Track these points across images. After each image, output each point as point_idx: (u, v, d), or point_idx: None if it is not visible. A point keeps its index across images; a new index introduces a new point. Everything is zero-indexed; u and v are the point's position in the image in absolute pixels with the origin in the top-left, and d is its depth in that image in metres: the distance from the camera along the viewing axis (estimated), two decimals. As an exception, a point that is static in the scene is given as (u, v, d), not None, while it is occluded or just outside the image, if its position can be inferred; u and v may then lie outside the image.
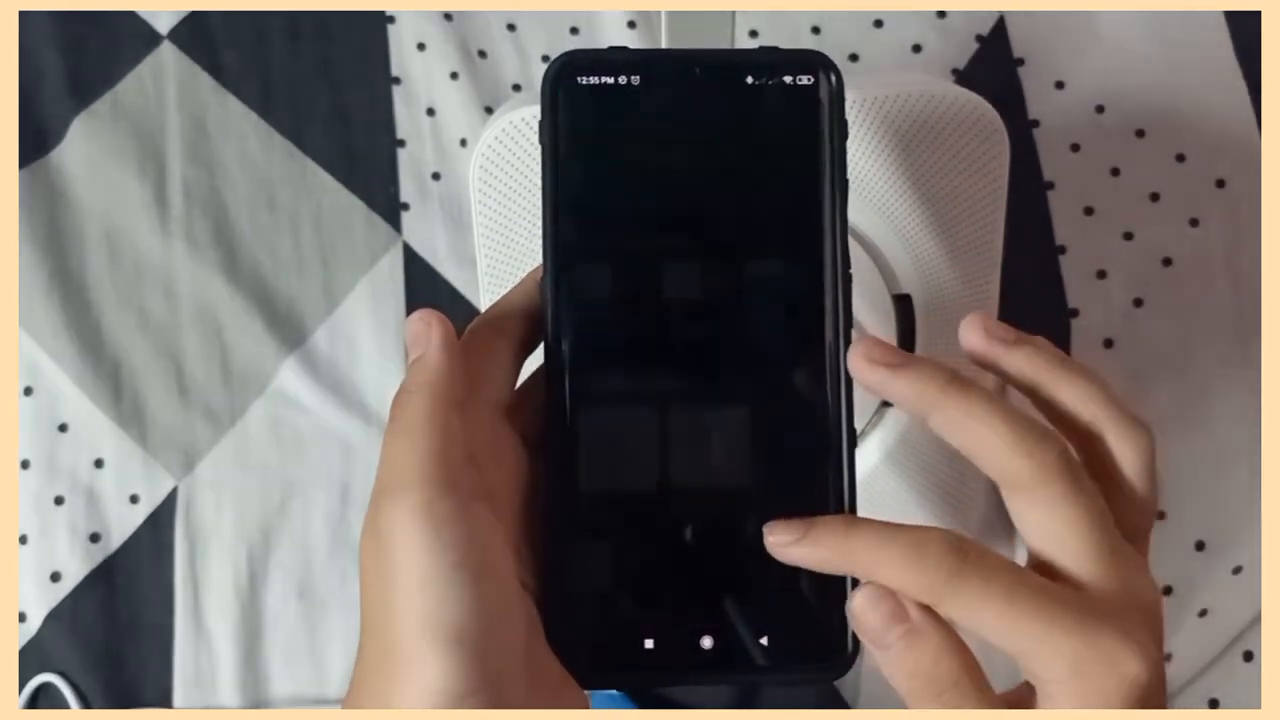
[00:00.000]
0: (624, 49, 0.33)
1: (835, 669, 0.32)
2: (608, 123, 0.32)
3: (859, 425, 0.51)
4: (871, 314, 0.49)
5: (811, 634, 0.32)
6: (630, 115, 0.32)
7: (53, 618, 0.60)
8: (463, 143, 0.66)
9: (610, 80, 0.32)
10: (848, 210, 0.32)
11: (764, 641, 0.31)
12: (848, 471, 0.32)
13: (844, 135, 0.32)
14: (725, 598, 0.31)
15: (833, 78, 0.32)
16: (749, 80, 0.32)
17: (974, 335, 0.34)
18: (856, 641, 0.31)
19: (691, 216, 0.32)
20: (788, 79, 0.32)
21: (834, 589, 0.31)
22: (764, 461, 0.32)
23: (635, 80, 0.32)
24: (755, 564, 0.31)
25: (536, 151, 0.45)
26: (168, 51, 0.67)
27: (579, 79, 0.32)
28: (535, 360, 0.34)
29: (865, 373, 0.32)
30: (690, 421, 0.32)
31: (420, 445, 0.29)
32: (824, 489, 0.32)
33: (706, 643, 0.31)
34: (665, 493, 0.32)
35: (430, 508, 0.28)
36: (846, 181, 0.32)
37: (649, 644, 0.31)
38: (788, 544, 0.30)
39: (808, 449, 0.32)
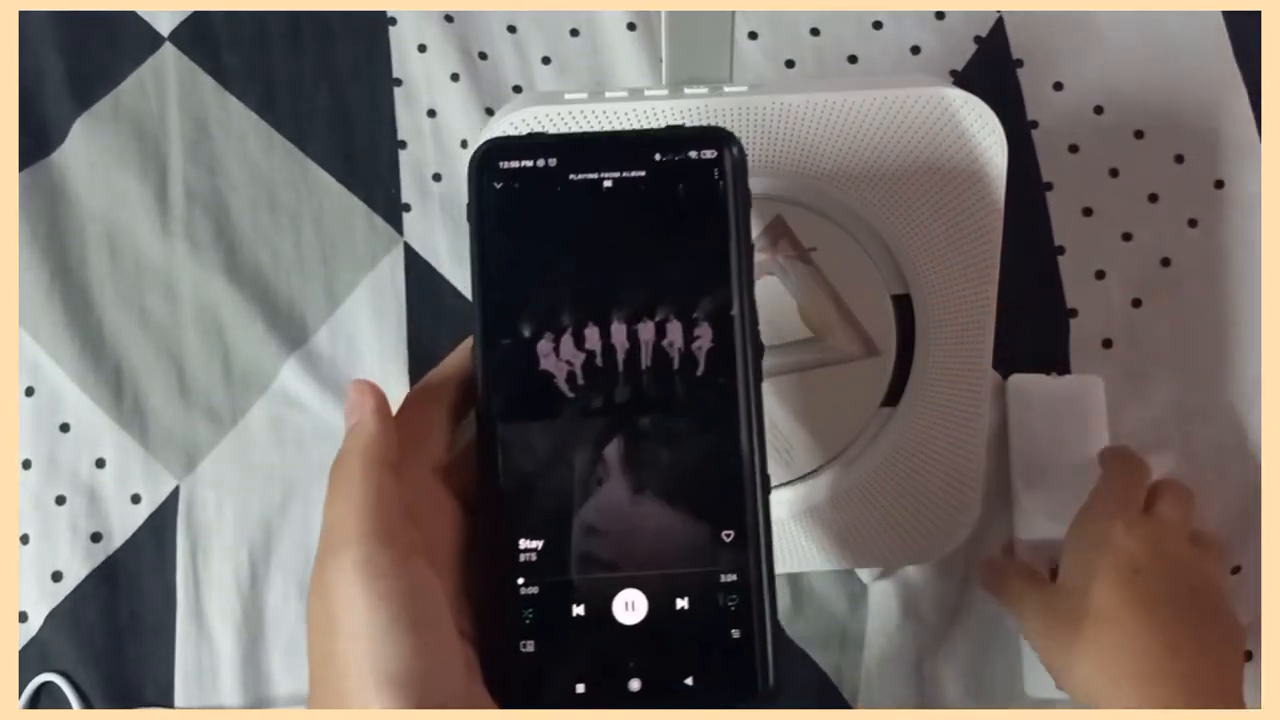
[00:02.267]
0: (542, 135, 0.36)
1: (758, 702, 0.34)
2: (529, 203, 0.35)
3: (858, 430, 0.51)
4: (871, 314, 0.49)
5: (734, 672, 0.34)
6: (550, 195, 0.35)
7: (54, 617, 0.60)
8: (463, 144, 0.66)
9: (530, 163, 0.35)
10: (753, 272, 0.35)
11: (689, 682, 0.33)
12: (763, 515, 0.34)
13: (748, 203, 0.35)
14: (652, 644, 0.34)
15: (734, 150, 0.35)
16: (658, 157, 0.35)
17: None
18: (778, 676, 0.33)
19: (611, 285, 0.35)
20: (693, 154, 0.35)
21: (754, 631, 0.33)
22: (685, 512, 0.34)
23: (553, 162, 0.35)
24: (680, 611, 0.33)
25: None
26: (169, 52, 0.67)
27: (501, 164, 0.35)
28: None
29: None
30: (615, 476, 0.34)
31: (357, 504, 0.31)
32: (742, 537, 0.34)
33: (635, 685, 0.33)
34: (593, 545, 0.34)
35: (370, 562, 0.30)
36: (752, 245, 0.35)
37: (580, 688, 0.33)
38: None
39: (726, 497, 0.34)
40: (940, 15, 0.68)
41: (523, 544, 0.34)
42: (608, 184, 0.35)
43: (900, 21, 0.68)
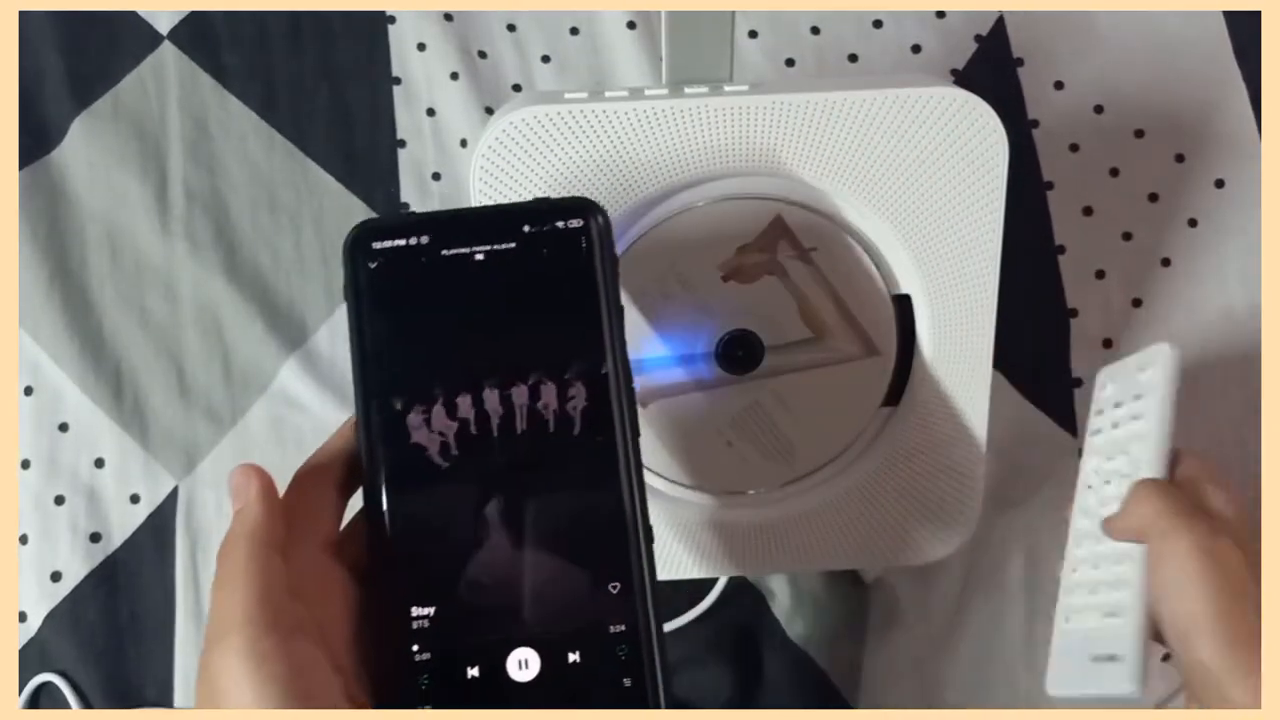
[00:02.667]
0: (412, 214, 0.38)
1: None
2: (401, 280, 0.36)
3: (858, 430, 0.51)
4: (872, 314, 0.49)
5: None
6: (422, 271, 0.36)
7: (53, 617, 0.60)
8: (463, 143, 0.66)
9: (402, 242, 0.36)
10: (624, 331, 0.37)
11: None
12: (647, 565, 0.35)
13: (615, 267, 0.37)
14: (547, 699, 0.35)
15: (600, 219, 0.37)
16: (527, 229, 0.37)
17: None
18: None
19: (484, 354, 0.36)
20: (561, 224, 0.37)
21: (645, 679, 0.34)
22: (571, 567, 0.35)
23: (425, 239, 0.36)
24: (573, 665, 0.35)
25: (539, 151, 0.46)
26: (168, 52, 0.67)
27: (374, 244, 0.37)
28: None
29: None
30: (500, 538, 0.35)
31: (242, 590, 0.32)
32: (629, 588, 0.35)
33: None
34: (484, 607, 0.35)
35: (253, 647, 0.31)
36: (621, 308, 0.37)
37: None
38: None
39: (610, 550, 0.35)
40: (941, 14, 0.68)
41: (415, 611, 0.35)
42: (479, 257, 0.36)
43: (901, 20, 0.68)
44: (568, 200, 0.37)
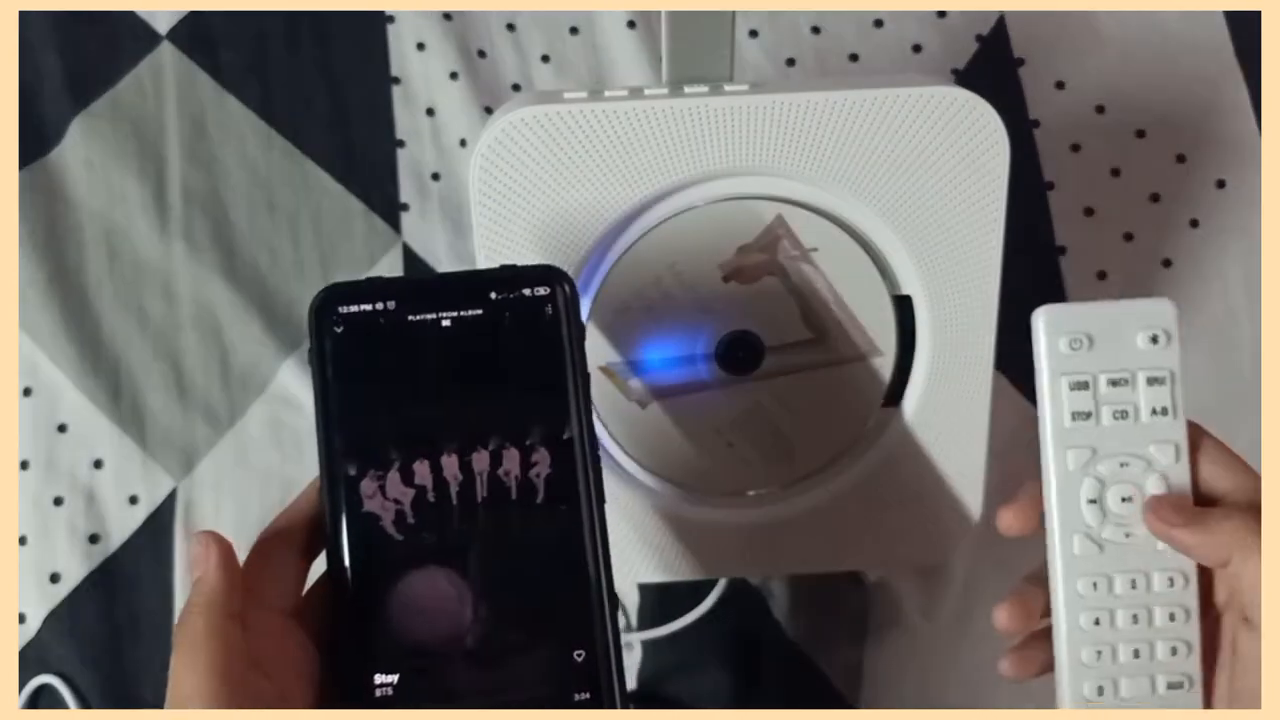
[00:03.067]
0: (380, 279, 0.37)
1: None
2: (367, 345, 0.36)
3: (859, 430, 0.51)
4: (872, 315, 0.49)
5: None
6: (388, 337, 0.36)
7: (52, 618, 0.60)
8: (462, 143, 0.66)
9: (369, 307, 0.36)
10: (590, 396, 0.37)
11: None
12: (612, 633, 0.35)
13: (582, 334, 0.37)
14: None
15: (566, 287, 0.37)
16: (493, 295, 0.36)
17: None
18: None
19: (447, 419, 0.36)
20: (527, 291, 0.37)
21: None
22: (537, 636, 0.35)
23: (392, 305, 0.36)
24: None
25: (538, 151, 0.46)
26: (167, 52, 0.67)
27: (340, 308, 0.36)
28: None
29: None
30: (464, 606, 0.35)
31: (202, 663, 0.32)
32: (593, 656, 0.35)
33: None
34: (448, 675, 0.35)
35: None
36: (588, 374, 0.37)
37: None
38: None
39: (575, 618, 0.35)
40: (942, 14, 0.68)
41: (377, 679, 0.35)
42: (445, 323, 0.36)
43: (901, 20, 0.68)
44: (534, 268, 0.37)
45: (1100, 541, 0.39)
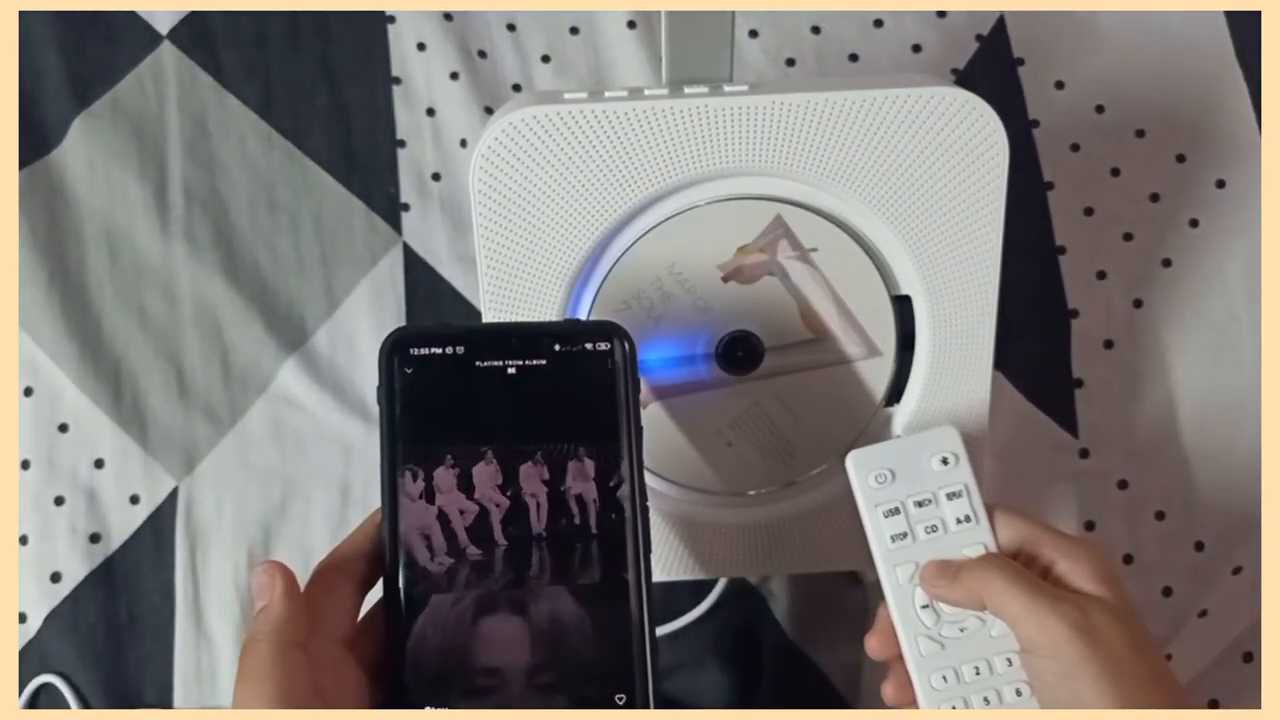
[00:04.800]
0: (451, 325, 0.39)
1: None
2: (435, 386, 0.38)
3: (859, 430, 0.51)
4: (872, 315, 0.49)
5: None
6: (455, 380, 0.38)
7: (53, 618, 0.60)
8: (463, 143, 0.66)
9: (438, 350, 0.38)
10: (644, 452, 0.39)
11: None
12: (652, 678, 0.37)
13: (637, 389, 0.39)
14: None
15: (626, 344, 0.39)
16: (556, 348, 0.39)
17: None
18: None
19: (511, 464, 0.38)
20: (589, 345, 0.39)
21: None
22: (581, 678, 0.37)
23: (460, 350, 0.38)
24: None
25: (538, 152, 0.46)
26: (168, 52, 0.67)
27: (411, 350, 0.38)
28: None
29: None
30: (514, 645, 0.37)
31: (268, 691, 0.34)
32: (632, 700, 0.37)
33: None
34: (494, 709, 0.36)
35: None
36: (641, 429, 0.39)
37: None
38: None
39: (617, 661, 0.37)
40: (941, 14, 0.68)
41: (428, 710, 0.36)
42: (511, 371, 0.38)
43: (901, 20, 0.68)
44: (598, 324, 0.40)
45: (941, 639, 0.44)
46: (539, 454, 0.38)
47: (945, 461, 0.45)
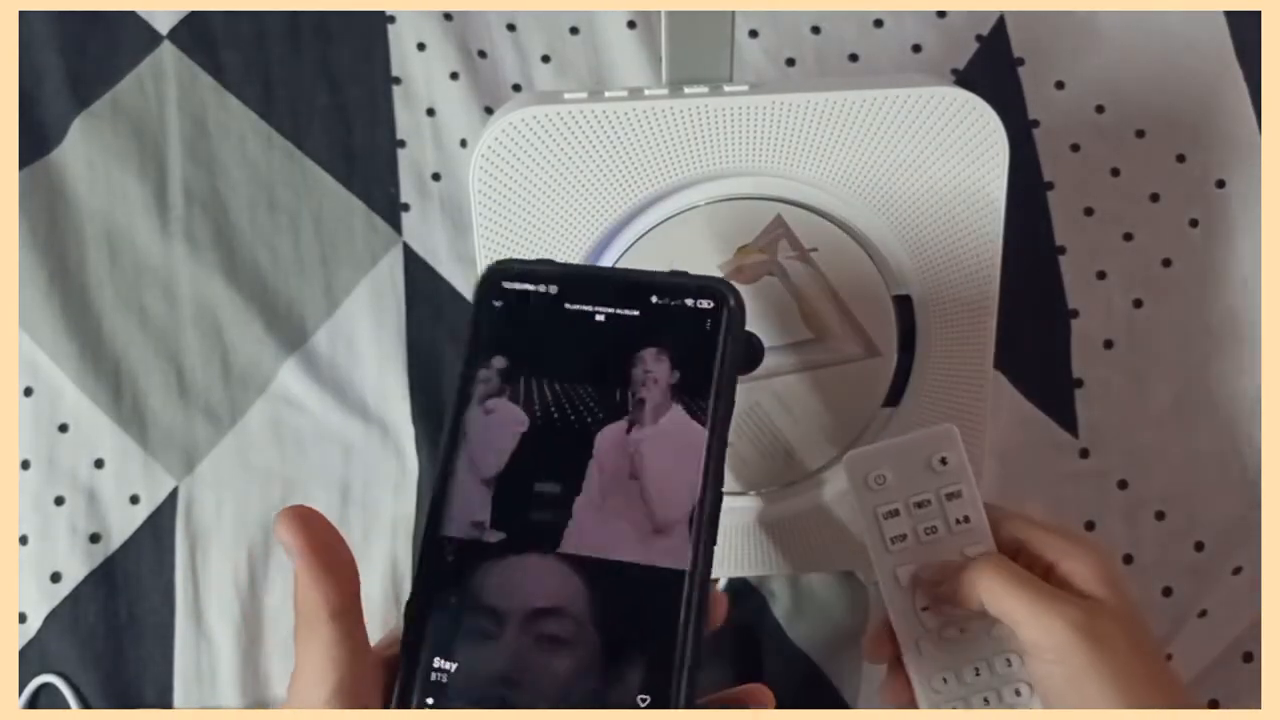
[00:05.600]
0: (550, 263, 0.37)
1: None
2: (520, 323, 0.36)
3: (859, 430, 0.51)
4: (871, 314, 0.49)
5: None
6: (541, 318, 0.36)
7: (53, 618, 0.60)
8: (463, 143, 0.66)
9: (530, 287, 0.36)
10: (729, 424, 0.35)
11: None
12: (690, 660, 0.34)
13: (738, 358, 0.35)
14: None
15: (733, 303, 0.35)
16: (654, 299, 0.35)
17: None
18: None
19: (583, 415, 0.35)
20: (689, 302, 0.35)
21: None
22: (615, 661, 0.34)
23: (552, 290, 0.36)
24: None
25: (538, 151, 0.45)
26: (168, 52, 0.67)
27: (504, 284, 0.36)
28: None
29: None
30: (547, 595, 0.34)
31: (310, 673, 0.33)
32: (663, 676, 0.34)
33: None
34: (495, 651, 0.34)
35: None
36: (733, 403, 0.35)
37: None
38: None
39: (656, 643, 0.34)
40: (941, 14, 0.68)
41: (436, 662, 0.34)
42: (600, 318, 0.36)
43: (901, 20, 0.68)
44: (705, 280, 0.36)
45: (940, 642, 0.44)
46: (617, 411, 0.35)
47: (943, 462, 0.45)
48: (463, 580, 0.34)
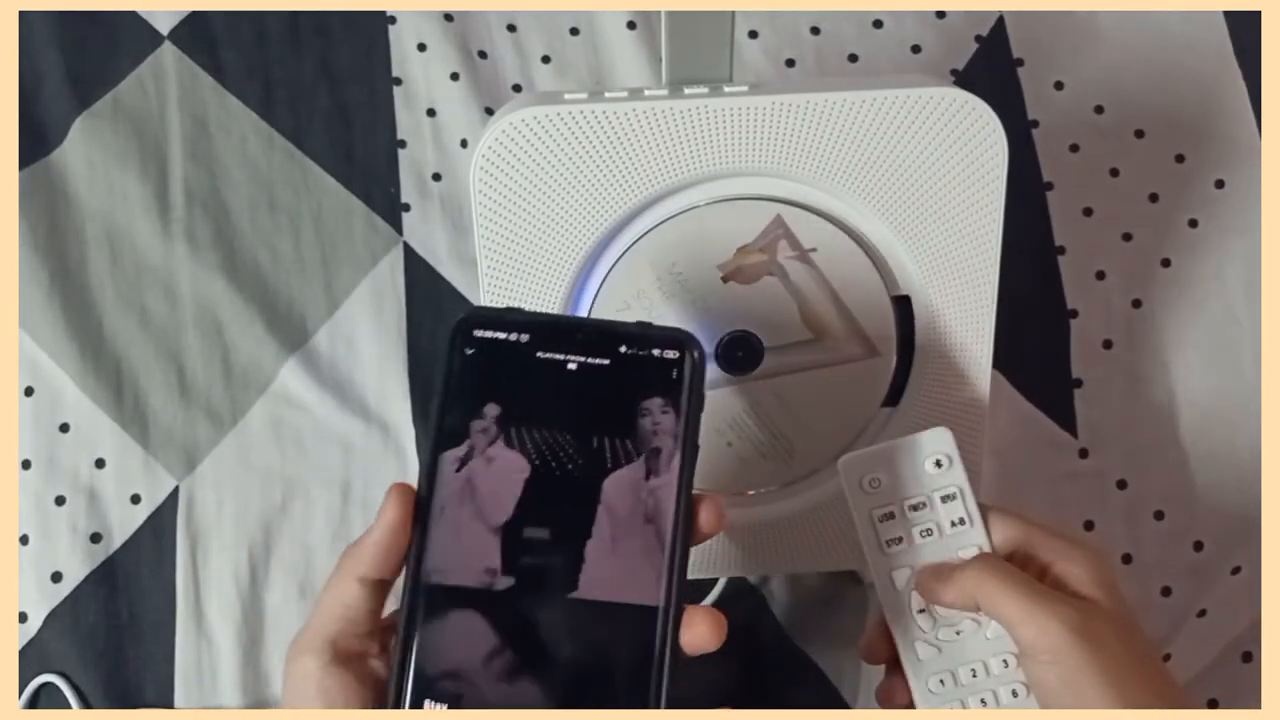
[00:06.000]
0: (520, 311, 0.38)
1: None
2: (492, 370, 0.37)
3: (858, 430, 0.51)
4: (872, 315, 0.49)
5: None
6: (513, 367, 0.37)
7: (53, 618, 0.60)
8: (463, 143, 0.66)
9: (502, 335, 0.37)
10: (694, 472, 0.37)
11: None
12: (665, 686, 0.35)
13: (700, 406, 0.37)
14: None
15: (696, 354, 0.37)
16: (622, 349, 0.37)
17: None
18: None
19: (557, 461, 0.37)
20: (656, 352, 0.37)
21: None
22: (589, 682, 0.36)
23: (524, 338, 0.37)
24: None
25: (539, 152, 0.46)
26: (168, 52, 0.67)
27: (475, 332, 0.37)
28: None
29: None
30: (527, 640, 0.35)
31: (316, 624, 0.37)
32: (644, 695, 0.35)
33: None
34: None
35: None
36: (697, 447, 0.37)
37: None
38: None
39: (632, 675, 0.35)
40: (941, 14, 0.68)
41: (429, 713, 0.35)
42: (571, 366, 0.37)
43: (901, 20, 0.68)
44: (669, 331, 0.38)
45: (937, 643, 0.44)
46: (585, 457, 0.37)
47: (939, 464, 0.45)
48: (467, 624, 0.36)
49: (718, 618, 0.36)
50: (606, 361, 0.37)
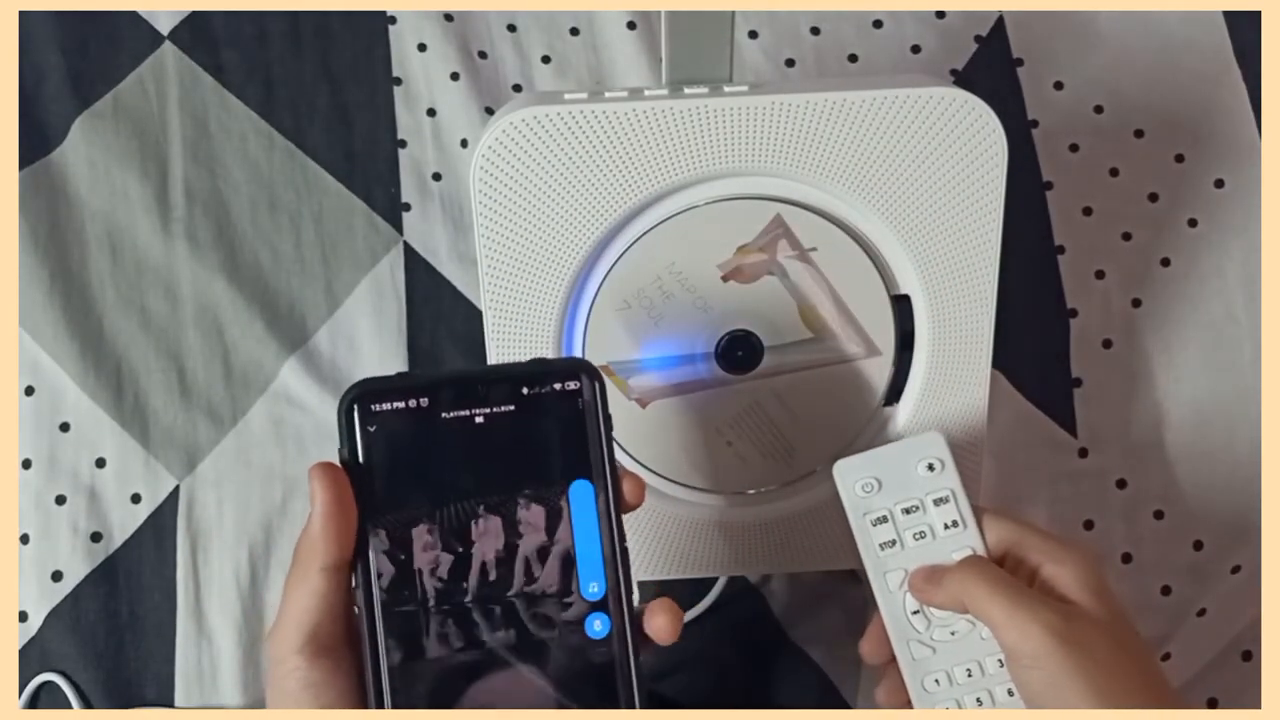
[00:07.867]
0: (410, 375, 0.39)
1: None
2: (400, 442, 0.37)
3: (858, 430, 0.51)
4: (871, 314, 0.50)
5: None
6: (421, 434, 0.37)
7: (54, 617, 0.60)
8: (463, 143, 0.66)
9: (401, 404, 0.37)
10: (620, 491, 0.38)
11: None
12: (638, 689, 0.37)
13: (609, 426, 0.38)
14: None
15: (595, 381, 0.38)
16: (524, 391, 0.37)
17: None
18: None
19: (484, 515, 0.37)
20: (557, 385, 0.37)
21: None
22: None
23: (424, 403, 0.37)
24: None
25: (539, 152, 0.46)
26: (169, 52, 0.67)
27: (373, 406, 0.37)
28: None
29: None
30: (495, 696, 0.36)
31: (289, 616, 0.37)
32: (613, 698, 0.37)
33: None
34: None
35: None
36: (616, 466, 0.38)
37: None
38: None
39: (600, 669, 0.37)
40: (941, 15, 0.68)
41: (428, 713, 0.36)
42: (479, 420, 0.37)
43: (900, 21, 0.68)
44: (564, 362, 0.39)
45: (932, 644, 0.45)
46: (511, 502, 0.37)
47: (931, 467, 0.45)
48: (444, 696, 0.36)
49: (674, 608, 0.37)
50: (512, 407, 0.37)
